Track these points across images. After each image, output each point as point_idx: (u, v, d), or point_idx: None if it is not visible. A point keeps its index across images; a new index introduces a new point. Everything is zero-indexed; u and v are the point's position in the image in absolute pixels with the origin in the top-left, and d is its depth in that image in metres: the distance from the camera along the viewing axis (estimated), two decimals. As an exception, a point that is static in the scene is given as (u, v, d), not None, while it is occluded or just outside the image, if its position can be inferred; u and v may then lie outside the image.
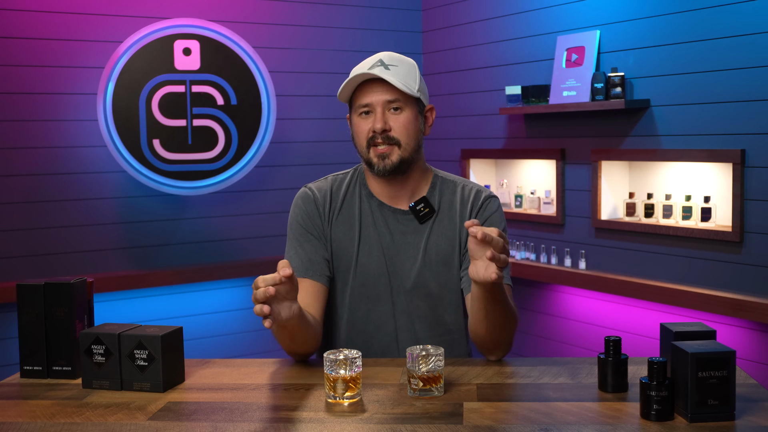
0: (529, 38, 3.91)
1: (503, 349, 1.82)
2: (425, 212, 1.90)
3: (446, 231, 1.91)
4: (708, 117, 3.15)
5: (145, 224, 3.87)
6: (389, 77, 1.81)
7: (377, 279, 1.89)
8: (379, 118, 1.83)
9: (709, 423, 1.39)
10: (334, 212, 1.93)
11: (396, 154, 1.85)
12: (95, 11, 3.71)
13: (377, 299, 1.90)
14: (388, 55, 1.87)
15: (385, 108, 1.84)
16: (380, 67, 1.83)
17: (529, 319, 4.06)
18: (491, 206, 1.93)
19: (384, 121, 1.83)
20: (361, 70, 1.84)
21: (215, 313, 4.07)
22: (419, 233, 1.90)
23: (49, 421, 1.50)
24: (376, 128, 1.82)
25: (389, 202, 1.92)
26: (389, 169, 1.85)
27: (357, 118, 1.87)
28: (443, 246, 1.90)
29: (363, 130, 1.86)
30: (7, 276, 3.56)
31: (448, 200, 1.93)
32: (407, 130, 1.85)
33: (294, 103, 4.18)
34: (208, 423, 1.47)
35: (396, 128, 1.84)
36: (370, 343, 1.91)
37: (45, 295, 1.77)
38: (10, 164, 3.56)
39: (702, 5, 3.14)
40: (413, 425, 1.42)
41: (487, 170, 4.27)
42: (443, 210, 1.92)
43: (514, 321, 1.78)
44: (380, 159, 1.85)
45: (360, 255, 1.90)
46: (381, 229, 1.91)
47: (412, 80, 1.86)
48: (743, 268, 3.05)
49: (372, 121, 1.84)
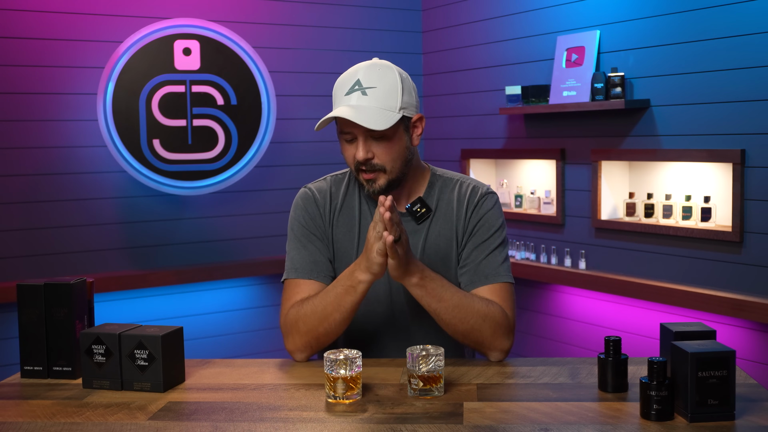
0: (529, 38, 3.91)
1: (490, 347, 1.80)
2: (422, 212, 1.90)
3: (444, 230, 1.90)
4: (708, 117, 3.15)
5: (145, 224, 3.87)
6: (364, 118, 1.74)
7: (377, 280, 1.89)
8: (361, 148, 1.78)
9: (709, 423, 1.39)
10: (334, 213, 1.92)
11: (383, 178, 1.82)
12: (95, 11, 3.71)
13: (376, 300, 1.90)
14: (367, 71, 1.80)
15: (367, 136, 1.79)
16: (357, 93, 1.77)
17: (529, 319, 4.06)
18: (487, 204, 1.91)
19: (366, 151, 1.79)
20: (340, 97, 1.80)
21: (215, 313, 4.07)
22: (417, 233, 1.90)
23: (49, 421, 1.50)
24: (359, 158, 1.79)
25: None
26: (378, 191, 1.83)
27: (342, 141, 1.84)
28: (441, 245, 1.90)
29: (349, 155, 1.83)
30: (7, 276, 3.56)
31: (446, 199, 1.92)
32: (391, 156, 1.80)
33: (294, 103, 4.18)
34: (208, 423, 1.47)
35: (379, 155, 1.80)
36: (370, 343, 1.91)
37: (45, 295, 1.77)
38: (10, 164, 3.56)
39: (702, 5, 3.14)
40: (413, 425, 1.43)
41: (487, 170, 4.27)
42: (441, 209, 1.92)
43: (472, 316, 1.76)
44: (369, 183, 1.83)
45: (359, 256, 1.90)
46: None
47: (393, 99, 1.78)
48: (743, 268, 3.05)
49: (356, 147, 1.80)
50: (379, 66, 1.82)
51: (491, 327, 1.78)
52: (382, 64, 1.83)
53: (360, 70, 1.81)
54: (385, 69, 1.81)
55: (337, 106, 1.82)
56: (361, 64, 1.83)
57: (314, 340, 1.83)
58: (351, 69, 1.84)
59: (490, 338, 1.79)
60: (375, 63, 1.83)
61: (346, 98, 1.79)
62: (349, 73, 1.82)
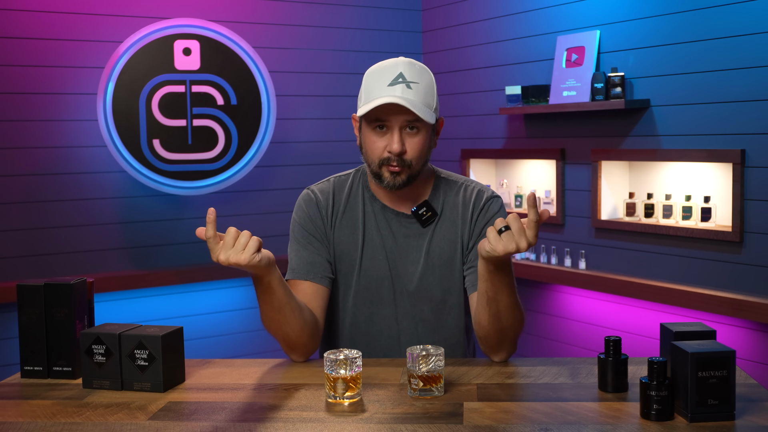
0: (529, 38, 3.92)
1: (507, 347, 1.79)
2: (428, 216, 1.90)
3: (448, 234, 1.90)
4: (708, 117, 3.15)
5: (145, 224, 3.87)
6: (413, 105, 1.75)
7: (380, 282, 1.89)
8: (397, 140, 1.78)
9: (709, 423, 1.39)
10: (337, 215, 1.92)
11: (406, 173, 1.82)
12: (95, 11, 3.71)
13: (380, 302, 1.90)
14: (408, 66, 1.80)
15: (403, 128, 1.79)
16: (402, 85, 1.77)
17: (529, 319, 4.06)
18: (493, 207, 1.91)
19: (401, 143, 1.78)
20: (381, 86, 1.78)
21: (215, 313, 4.07)
22: (422, 236, 1.90)
23: (49, 421, 1.50)
24: (394, 150, 1.78)
25: (392, 206, 1.91)
26: (399, 185, 1.82)
27: (370, 132, 1.82)
28: (445, 249, 1.89)
29: (378, 147, 1.81)
30: (7, 276, 3.56)
31: (451, 202, 1.92)
32: (420, 153, 1.81)
33: (294, 103, 4.18)
34: (208, 423, 1.47)
35: (411, 151, 1.80)
36: (373, 345, 1.92)
37: (45, 295, 1.77)
38: (9, 164, 3.57)
39: (702, 5, 3.14)
40: (413, 425, 1.43)
41: (487, 170, 4.27)
42: (446, 213, 1.91)
43: (520, 317, 1.75)
44: (391, 176, 1.82)
45: (364, 258, 1.90)
46: (384, 233, 1.90)
47: (431, 98, 1.81)
48: (743, 268, 3.05)
49: (387, 139, 1.79)
50: (417, 64, 1.84)
51: (519, 326, 1.78)
52: (420, 63, 1.85)
53: (400, 64, 1.80)
54: (423, 68, 1.84)
55: (377, 95, 1.78)
56: (399, 58, 1.84)
57: (289, 342, 1.82)
58: (389, 61, 1.83)
59: (512, 334, 1.78)
60: (412, 60, 1.84)
61: (390, 89, 1.77)
62: (389, 65, 1.81)
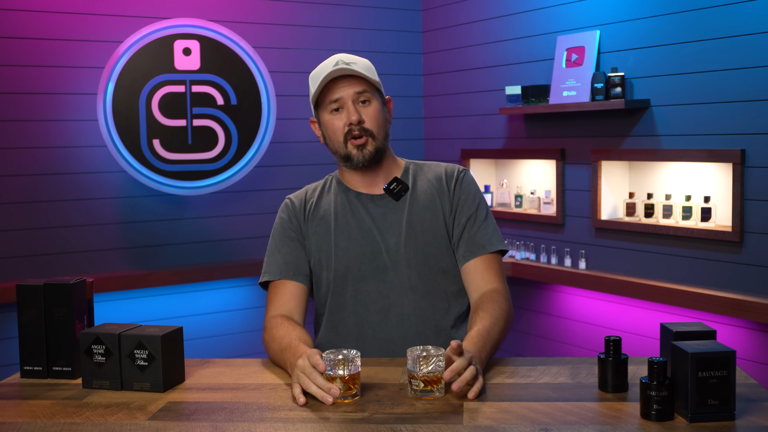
0: (529, 38, 3.91)
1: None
2: (398, 189, 1.98)
3: (427, 203, 1.98)
4: (708, 117, 3.15)
5: (145, 224, 3.87)
6: (358, 69, 1.89)
7: (360, 259, 1.94)
8: (352, 110, 1.90)
9: (709, 423, 1.39)
10: (309, 211, 2.01)
11: (371, 144, 1.93)
12: (95, 11, 3.71)
13: (361, 278, 1.94)
14: (345, 55, 1.95)
15: (355, 101, 1.91)
16: (343, 64, 1.90)
17: (529, 319, 4.06)
18: (467, 178, 2.02)
19: (357, 113, 1.90)
20: (324, 72, 1.90)
21: (215, 313, 4.07)
22: (399, 210, 1.97)
23: (49, 421, 1.50)
24: (352, 120, 1.90)
25: (366, 191, 2.00)
26: (368, 158, 1.93)
27: (328, 116, 1.95)
28: (427, 217, 1.97)
29: (338, 126, 1.93)
30: (7, 276, 3.56)
31: (423, 177, 2.02)
32: (377, 121, 1.93)
33: (294, 103, 4.18)
34: (208, 423, 1.47)
35: (368, 119, 1.92)
36: (362, 323, 1.93)
37: (45, 295, 1.77)
38: (10, 164, 3.56)
39: (702, 5, 3.14)
40: (413, 425, 1.43)
41: (487, 170, 4.27)
42: (420, 186, 2.00)
43: (506, 326, 1.87)
44: (359, 150, 1.92)
45: (338, 239, 1.95)
46: (360, 215, 1.97)
47: (372, 73, 1.95)
48: (743, 268, 3.05)
49: (345, 116, 1.91)
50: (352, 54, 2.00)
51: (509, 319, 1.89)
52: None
53: (337, 55, 1.95)
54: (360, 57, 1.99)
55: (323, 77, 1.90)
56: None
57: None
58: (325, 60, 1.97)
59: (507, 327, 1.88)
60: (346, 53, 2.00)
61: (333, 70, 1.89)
62: (327, 59, 1.95)
